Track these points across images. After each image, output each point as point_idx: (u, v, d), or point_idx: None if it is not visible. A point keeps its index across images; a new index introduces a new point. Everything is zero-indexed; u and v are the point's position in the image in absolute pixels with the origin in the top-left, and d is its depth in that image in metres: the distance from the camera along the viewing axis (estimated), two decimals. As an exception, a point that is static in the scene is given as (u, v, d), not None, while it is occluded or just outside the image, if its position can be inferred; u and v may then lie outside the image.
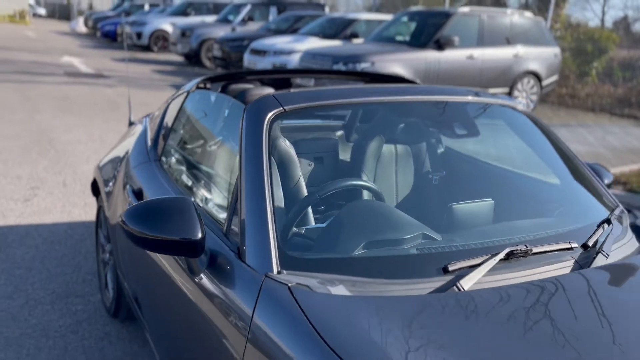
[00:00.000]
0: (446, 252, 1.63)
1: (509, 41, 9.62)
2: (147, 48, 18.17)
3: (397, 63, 8.64)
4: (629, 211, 2.23)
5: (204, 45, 14.87)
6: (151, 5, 23.43)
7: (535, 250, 1.65)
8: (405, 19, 10.14)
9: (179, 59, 15.89)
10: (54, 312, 2.89)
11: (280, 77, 3.43)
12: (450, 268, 1.52)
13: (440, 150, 2.43)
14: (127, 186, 2.50)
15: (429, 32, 9.24)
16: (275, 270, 1.49)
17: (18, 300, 2.98)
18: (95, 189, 3.18)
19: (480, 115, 2.44)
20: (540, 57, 10.10)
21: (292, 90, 2.12)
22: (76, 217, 4.16)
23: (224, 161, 2.07)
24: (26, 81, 10.34)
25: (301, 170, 2.05)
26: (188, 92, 2.59)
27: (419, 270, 1.55)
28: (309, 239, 1.76)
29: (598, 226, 1.82)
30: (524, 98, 10.14)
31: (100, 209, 3.08)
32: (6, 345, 2.59)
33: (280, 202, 1.80)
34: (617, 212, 2.02)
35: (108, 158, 3.11)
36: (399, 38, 9.74)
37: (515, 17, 9.84)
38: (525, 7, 16.50)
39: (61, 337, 2.69)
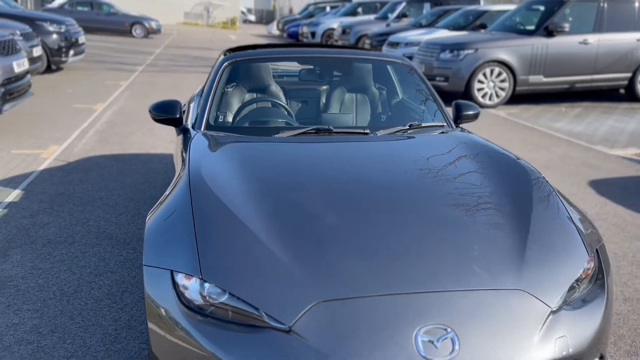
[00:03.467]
0: (289, 128, 3.01)
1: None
2: (319, 45, 20.54)
3: (500, 49, 9.41)
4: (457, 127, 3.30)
5: (360, 41, 16.63)
6: (331, 7, 25.95)
7: (336, 130, 2.93)
8: (524, 9, 10.68)
9: (341, 54, 17.85)
10: (138, 193, 4.79)
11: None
12: (280, 132, 2.93)
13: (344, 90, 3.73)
14: None
15: (541, 19, 9.77)
16: (202, 129, 3.06)
17: (118, 185, 4.94)
18: None
19: (379, 67, 3.74)
20: (672, 41, 9.86)
21: (248, 50, 3.67)
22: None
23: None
24: (180, 72, 13.07)
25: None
26: (219, 56, 4.25)
27: (266, 134, 2.97)
28: (229, 120, 3.32)
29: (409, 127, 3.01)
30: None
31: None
32: (98, 206, 4.53)
33: (225, 104, 3.38)
34: (434, 123, 3.18)
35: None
36: (519, 27, 10.35)
37: (643, 2, 9.78)
38: None
39: (132, 203, 4.55)
